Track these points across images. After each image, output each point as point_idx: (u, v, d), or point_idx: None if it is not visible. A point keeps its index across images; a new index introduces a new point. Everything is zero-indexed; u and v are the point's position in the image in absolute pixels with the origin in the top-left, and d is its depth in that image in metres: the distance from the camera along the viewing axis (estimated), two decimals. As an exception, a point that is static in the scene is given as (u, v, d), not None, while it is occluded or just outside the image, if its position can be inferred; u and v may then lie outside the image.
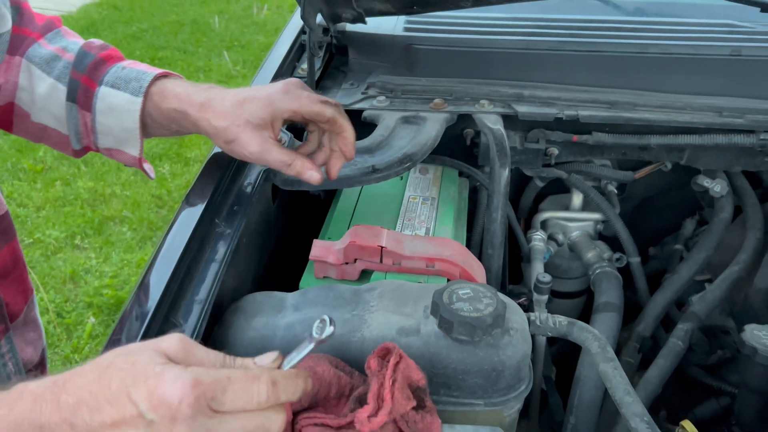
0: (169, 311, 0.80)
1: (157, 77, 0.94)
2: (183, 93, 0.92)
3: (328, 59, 1.40)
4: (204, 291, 0.84)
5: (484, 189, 1.30)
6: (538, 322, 0.92)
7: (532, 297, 1.17)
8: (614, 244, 1.39)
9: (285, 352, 0.63)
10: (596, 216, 1.38)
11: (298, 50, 1.40)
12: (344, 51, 1.39)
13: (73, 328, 2.65)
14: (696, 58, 1.21)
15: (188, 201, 0.96)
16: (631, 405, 0.82)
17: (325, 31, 1.34)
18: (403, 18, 1.40)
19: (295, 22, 1.51)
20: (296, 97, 0.90)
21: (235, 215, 0.96)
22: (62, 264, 2.96)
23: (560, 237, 1.38)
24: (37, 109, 0.95)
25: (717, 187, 1.30)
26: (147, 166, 1.00)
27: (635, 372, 1.17)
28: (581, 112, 1.17)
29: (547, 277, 1.09)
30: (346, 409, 0.78)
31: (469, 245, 1.22)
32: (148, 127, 0.96)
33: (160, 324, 0.79)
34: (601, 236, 1.42)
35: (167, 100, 0.92)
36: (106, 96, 0.93)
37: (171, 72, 0.97)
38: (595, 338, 0.90)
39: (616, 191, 1.40)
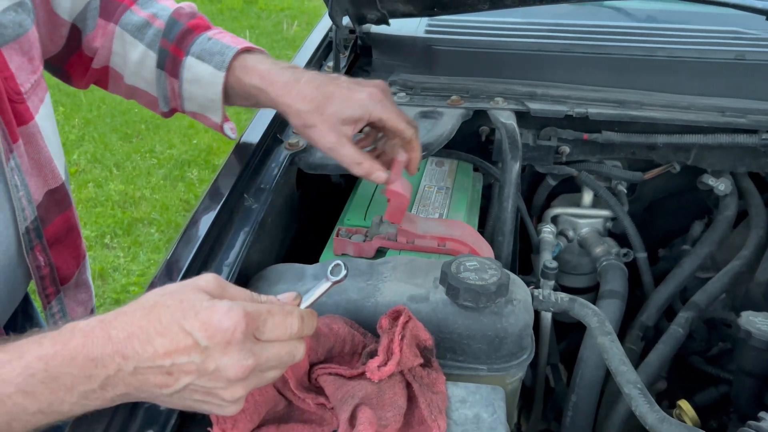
0: (200, 271, 0.87)
1: (240, 52, 0.97)
2: (264, 70, 0.95)
3: (353, 60, 1.49)
4: (232, 256, 0.91)
5: (498, 185, 1.36)
6: (540, 297, 0.98)
7: (540, 284, 1.23)
8: (623, 241, 1.45)
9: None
10: (605, 213, 1.44)
11: (325, 49, 1.49)
12: (368, 52, 1.47)
13: (100, 322, 2.74)
14: (701, 60, 1.28)
15: (219, 177, 1.04)
16: (626, 373, 0.87)
17: (351, 31, 1.42)
18: (424, 21, 1.49)
19: (323, 26, 1.60)
20: (386, 108, 0.93)
21: (263, 192, 1.04)
22: (92, 261, 3.06)
23: (570, 233, 1.44)
24: (130, 72, 1.02)
25: (721, 185, 1.35)
26: (229, 126, 1.04)
27: (638, 359, 1.22)
28: (590, 110, 1.24)
29: (554, 264, 1.14)
30: (358, 363, 0.84)
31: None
32: (230, 97, 1.00)
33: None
34: (610, 233, 1.47)
35: (248, 76, 0.95)
36: (192, 66, 0.98)
37: (254, 46, 1.00)
38: (595, 314, 0.95)
39: (625, 191, 1.45)
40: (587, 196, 1.44)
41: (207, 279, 0.62)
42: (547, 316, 1.18)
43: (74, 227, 0.96)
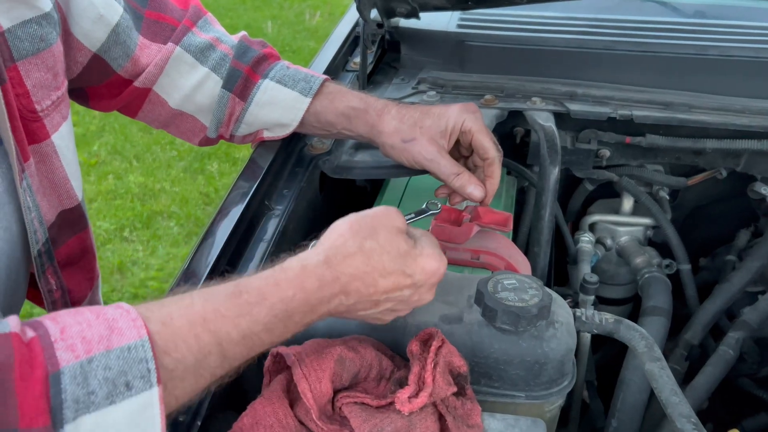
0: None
1: (325, 81, 1.01)
2: (361, 94, 1.00)
3: (380, 55, 1.41)
4: (251, 269, 0.85)
5: (532, 190, 1.29)
6: (583, 318, 0.90)
7: (578, 299, 1.15)
8: (664, 251, 1.36)
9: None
10: (646, 221, 1.35)
11: (351, 44, 1.42)
12: (396, 47, 1.40)
13: (118, 317, 2.70)
14: (756, 60, 1.18)
15: (240, 181, 0.98)
16: (678, 405, 0.80)
17: (379, 25, 1.35)
18: (456, 15, 1.41)
19: (349, 18, 1.52)
20: (477, 121, 0.95)
21: (284, 198, 0.97)
22: (110, 255, 3.03)
23: (608, 241, 1.36)
24: (181, 96, 0.99)
25: (775, 195, 1.26)
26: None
27: (682, 380, 1.14)
28: (635, 112, 1.16)
29: (594, 278, 1.07)
30: (386, 390, 0.77)
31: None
32: (303, 125, 1.01)
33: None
34: (650, 242, 1.39)
35: (345, 99, 0.99)
36: (269, 89, 0.99)
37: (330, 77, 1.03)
38: (642, 337, 0.87)
39: (668, 197, 1.37)
40: (627, 203, 1.36)
41: (395, 217, 0.70)
42: (586, 340, 1.11)
43: (89, 249, 0.92)
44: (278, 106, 1.00)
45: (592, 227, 1.36)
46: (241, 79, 0.99)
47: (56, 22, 0.80)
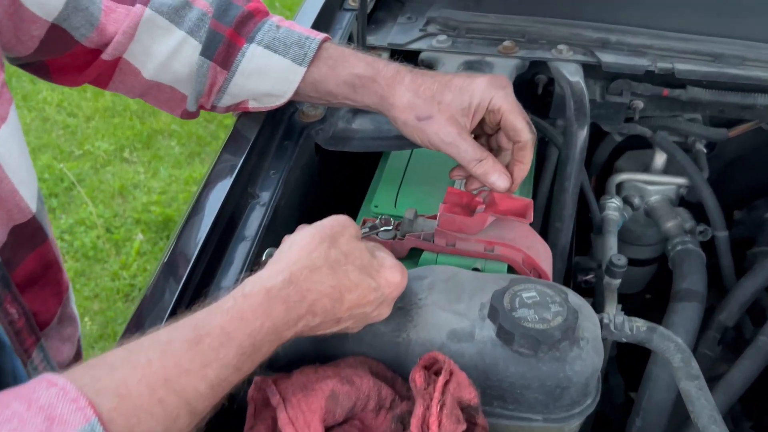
0: (191, 303, 0.71)
1: (323, 41, 0.85)
2: (368, 58, 0.84)
3: (384, -13, 1.24)
4: (231, 277, 0.74)
5: (553, 144, 1.15)
6: (612, 327, 0.80)
7: (602, 276, 1.05)
8: (697, 211, 1.23)
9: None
10: (680, 181, 1.22)
11: (349, -23, 1.24)
12: (402, -22, 1.22)
13: (121, 244, 2.64)
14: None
15: (218, 166, 0.85)
16: (718, 437, 0.70)
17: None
18: (472, -59, 1.21)
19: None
20: (508, 98, 0.80)
21: (271, 183, 0.85)
22: (111, 177, 2.93)
23: (636, 200, 1.23)
24: (155, 65, 0.85)
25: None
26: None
27: (712, 366, 1.04)
28: (677, 66, 1.00)
29: (622, 260, 0.95)
30: (385, 425, 0.69)
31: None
32: (299, 94, 0.87)
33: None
34: (682, 201, 1.26)
35: (349, 64, 0.84)
36: (257, 56, 0.85)
37: (328, 36, 0.88)
38: (678, 349, 0.77)
39: (705, 151, 1.23)
40: (660, 158, 1.22)
41: (351, 224, 0.66)
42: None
43: (52, 262, 0.81)
44: (268, 76, 0.86)
45: (619, 187, 1.23)
46: (223, 45, 0.84)
47: None
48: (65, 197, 2.83)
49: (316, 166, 0.99)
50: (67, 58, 0.82)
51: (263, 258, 0.71)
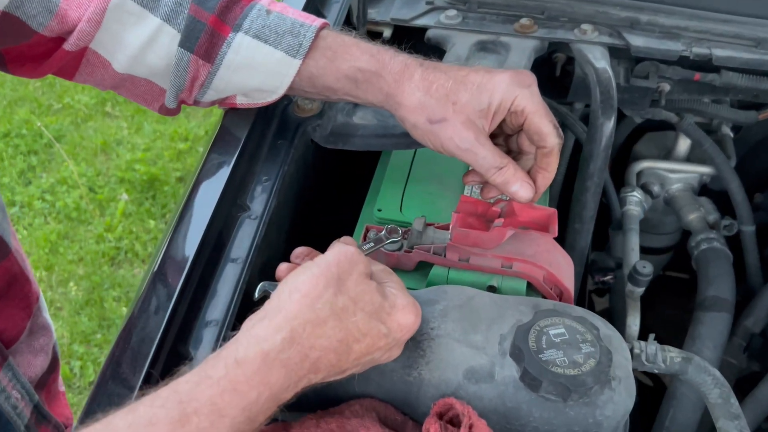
0: (177, 342, 0.63)
1: (320, 30, 0.75)
2: (373, 49, 0.74)
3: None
4: (219, 309, 0.65)
5: (575, 136, 1.05)
6: (643, 358, 0.72)
7: (621, 277, 0.97)
8: (718, 198, 1.15)
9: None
10: (705, 170, 1.13)
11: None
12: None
13: (105, 204, 2.55)
14: None
15: (206, 167, 0.75)
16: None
17: None
18: None
19: None
20: (533, 98, 0.70)
21: (264, 191, 0.75)
22: (93, 133, 2.81)
23: (656, 188, 1.14)
24: (126, 57, 0.74)
25: None
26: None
27: (737, 375, 0.98)
28: (716, 51, 0.90)
29: (648, 268, 0.87)
30: (395, 480, 0.62)
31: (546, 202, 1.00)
32: (294, 88, 0.78)
33: (165, 358, 0.61)
34: (704, 189, 1.17)
35: (350, 56, 0.74)
36: (244, 47, 0.75)
37: (326, 21, 0.77)
38: (717, 384, 0.70)
39: (731, 135, 1.13)
40: (683, 144, 1.13)
41: (357, 258, 0.59)
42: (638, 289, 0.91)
43: (18, 275, 0.73)
44: (257, 70, 0.75)
45: (639, 175, 1.14)
46: (205, 34, 0.73)
47: None
48: (45, 154, 2.71)
49: (312, 163, 0.89)
50: (24, 48, 0.71)
51: (256, 295, 0.63)
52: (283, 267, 0.66)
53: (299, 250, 0.68)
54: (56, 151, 2.69)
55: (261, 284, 0.62)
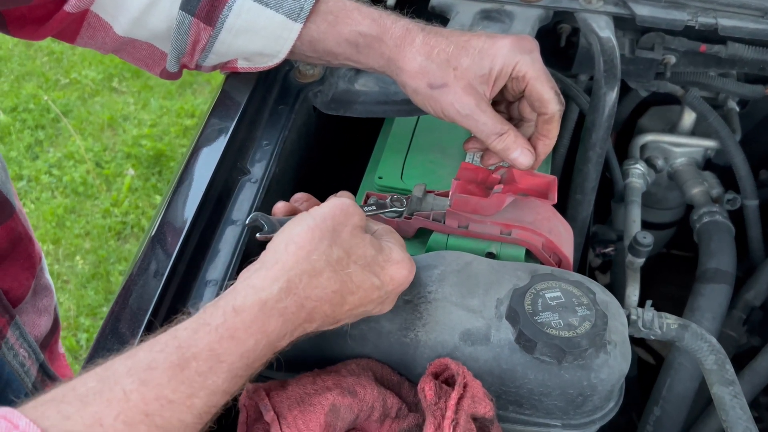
0: (176, 300, 0.63)
1: None
2: (375, 13, 0.74)
3: None
4: (219, 269, 0.66)
5: (577, 105, 1.05)
6: (640, 324, 0.72)
7: (622, 249, 0.97)
8: (722, 172, 1.14)
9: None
10: (710, 144, 1.12)
11: None
12: None
13: (112, 179, 2.56)
14: None
15: (206, 132, 0.76)
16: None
17: None
18: None
19: None
20: (535, 64, 0.70)
21: (265, 155, 0.75)
22: (100, 109, 2.81)
23: (660, 162, 1.14)
24: (128, 19, 0.74)
25: None
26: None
27: (735, 348, 0.98)
28: (722, 21, 0.89)
29: (648, 238, 0.87)
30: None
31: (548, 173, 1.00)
32: (295, 53, 0.78)
33: (164, 316, 0.62)
34: (709, 164, 1.17)
35: (352, 20, 0.74)
36: (245, 11, 0.75)
37: None
38: (712, 350, 0.70)
39: (737, 109, 1.13)
40: (688, 118, 1.12)
41: (354, 212, 0.59)
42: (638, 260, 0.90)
43: (22, 236, 0.74)
44: (258, 34, 0.75)
45: (642, 149, 1.13)
46: None
47: None
48: (52, 129, 2.72)
49: (314, 129, 0.89)
50: (24, 9, 0.71)
51: (246, 222, 0.62)
52: (279, 205, 0.66)
53: (298, 195, 0.68)
54: (63, 125, 2.69)
55: (254, 213, 0.62)
